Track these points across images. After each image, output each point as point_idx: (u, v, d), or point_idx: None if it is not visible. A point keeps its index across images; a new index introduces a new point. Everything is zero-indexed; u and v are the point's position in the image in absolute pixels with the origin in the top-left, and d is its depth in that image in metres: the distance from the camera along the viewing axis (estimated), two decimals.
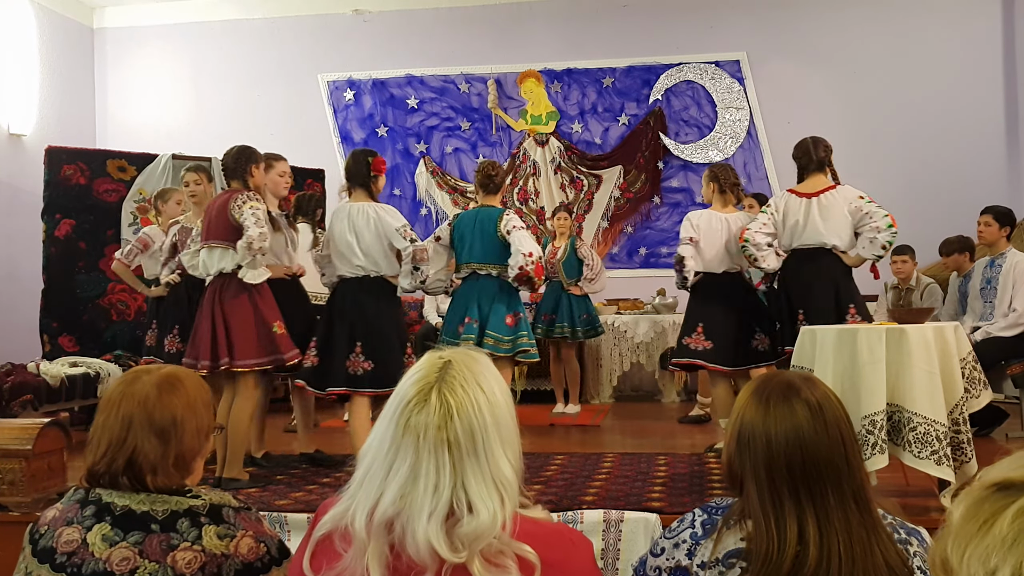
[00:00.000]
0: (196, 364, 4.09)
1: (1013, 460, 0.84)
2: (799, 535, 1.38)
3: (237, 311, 4.07)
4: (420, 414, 1.26)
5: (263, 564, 1.57)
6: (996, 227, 5.29)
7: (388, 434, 1.28)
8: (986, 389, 3.58)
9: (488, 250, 4.63)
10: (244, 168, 4.21)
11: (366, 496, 1.26)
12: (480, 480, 1.24)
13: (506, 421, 1.30)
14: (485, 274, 4.64)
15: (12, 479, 3.47)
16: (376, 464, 1.27)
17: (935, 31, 7.88)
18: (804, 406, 1.46)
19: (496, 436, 1.28)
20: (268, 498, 3.77)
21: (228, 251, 4.11)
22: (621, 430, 5.78)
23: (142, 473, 1.56)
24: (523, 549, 1.24)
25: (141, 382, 1.62)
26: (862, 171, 7.95)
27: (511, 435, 1.31)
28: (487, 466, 1.25)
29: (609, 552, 3.29)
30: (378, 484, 1.26)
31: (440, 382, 1.28)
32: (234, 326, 4.05)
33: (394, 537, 1.23)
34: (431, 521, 1.21)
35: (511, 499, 1.27)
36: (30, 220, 6.95)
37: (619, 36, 8.34)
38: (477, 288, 4.65)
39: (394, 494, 1.24)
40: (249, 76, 8.73)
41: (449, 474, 1.23)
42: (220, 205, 4.16)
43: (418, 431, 1.25)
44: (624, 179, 8.31)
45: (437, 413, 1.26)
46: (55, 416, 3.82)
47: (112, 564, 1.49)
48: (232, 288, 4.10)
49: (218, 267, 4.13)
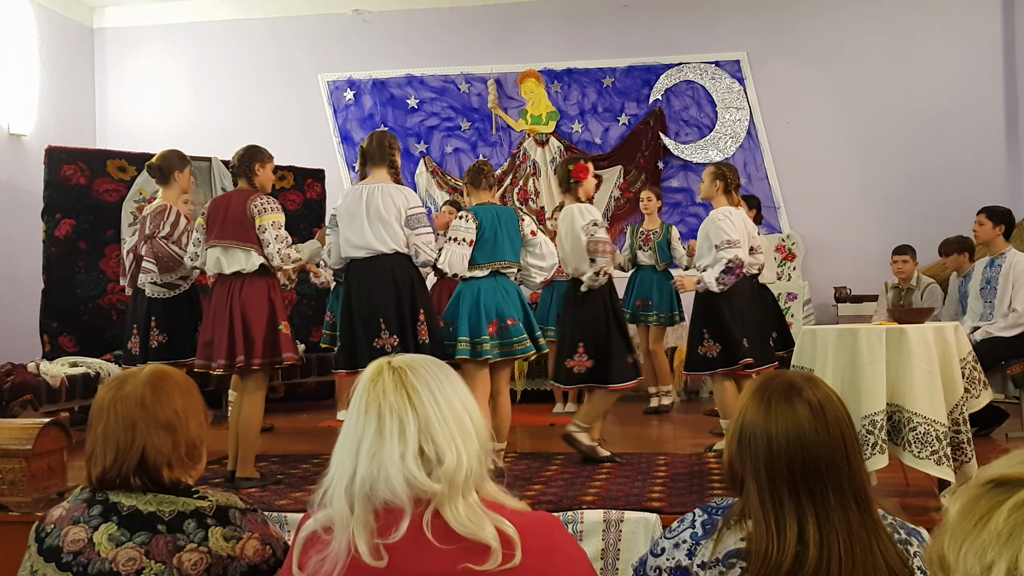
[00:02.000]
0: (210, 364, 4.12)
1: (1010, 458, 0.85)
2: (799, 535, 1.39)
3: (255, 310, 4.10)
4: (377, 386, 1.35)
5: (268, 566, 1.57)
6: (990, 226, 5.28)
7: (352, 421, 1.35)
8: (986, 389, 3.58)
9: (516, 249, 4.46)
10: (248, 166, 4.23)
11: (339, 476, 1.31)
12: (442, 423, 1.32)
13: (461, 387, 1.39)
14: (505, 273, 4.44)
15: (12, 479, 3.47)
16: (344, 448, 1.34)
17: (935, 31, 7.88)
18: (806, 406, 1.46)
19: (453, 391, 1.36)
20: (268, 498, 3.77)
21: (249, 252, 4.12)
22: (621, 430, 5.78)
23: (157, 468, 1.57)
24: (502, 522, 1.28)
25: (130, 385, 1.63)
26: (862, 171, 7.98)
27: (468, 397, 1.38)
28: (448, 413, 1.33)
29: (609, 552, 3.29)
30: (350, 461, 1.31)
31: (389, 362, 1.39)
32: (251, 325, 4.08)
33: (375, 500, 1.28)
34: (404, 461, 1.28)
35: (473, 446, 1.33)
36: (30, 220, 6.95)
37: (619, 36, 8.34)
38: (502, 287, 4.39)
39: (366, 459, 1.30)
40: (249, 76, 8.72)
41: (412, 420, 1.31)
42: (236, 204, 4.16)
43: (379, 398, 1.33)
44: (624, 179, 8.31)
45: (392, 376, 1.35)
46: (55, 416, 3.81)
47: (118, 564, 1.49)
48: (251, 288, 4.12)
49: (234, 267, 4.14)
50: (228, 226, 4.14)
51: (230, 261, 4.14)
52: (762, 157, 8.14)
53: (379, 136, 4.33)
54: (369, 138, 4.35)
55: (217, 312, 4.14)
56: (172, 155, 4.72)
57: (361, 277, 4.20)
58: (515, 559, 1.25)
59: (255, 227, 4.11)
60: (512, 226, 4.43)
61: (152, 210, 4.72)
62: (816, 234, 7.87)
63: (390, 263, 4.16)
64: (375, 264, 4.16)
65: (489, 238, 4.35)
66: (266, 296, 4.15)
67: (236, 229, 4.12)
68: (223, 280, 4.18)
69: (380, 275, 4.15)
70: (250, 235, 4.11)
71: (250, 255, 4.12)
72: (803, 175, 7.96)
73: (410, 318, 4.15)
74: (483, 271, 4.35)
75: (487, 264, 4.36)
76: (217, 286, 4.21)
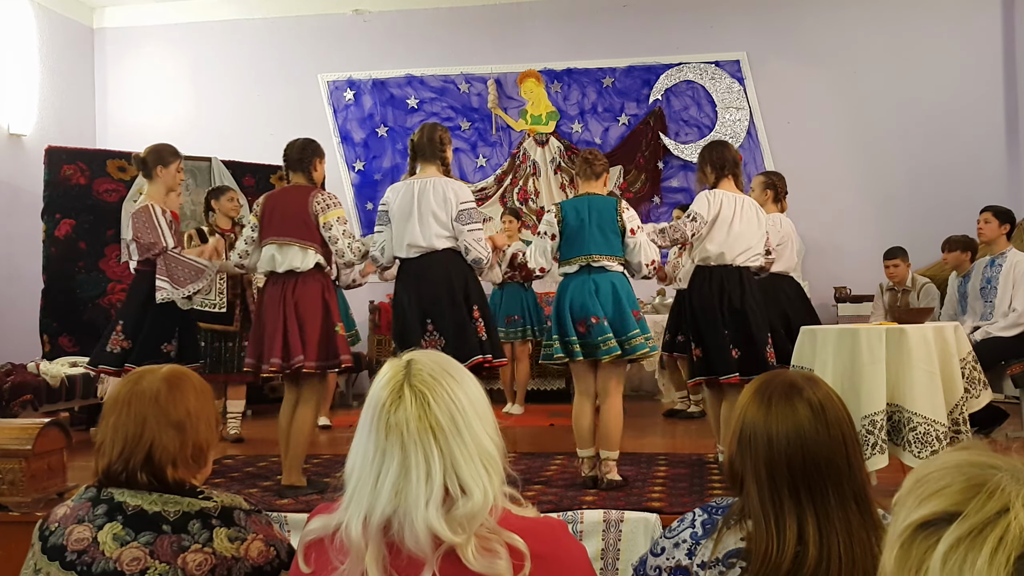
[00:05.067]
0: (259, 364, 3.99)
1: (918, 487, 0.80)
2: (799, 535, 1.38)
3: (311, 310, 3.95)
4: (398, 411, 1.29)
5: (272, 568, 1.57)
6: (996, 224, 5.29)
7: (371, 442, 1.30)
8: (986, 389, 3.59)
9: (611, 241, 4.02)
10: (309, 161, 4.11)
11: (358, 507, 1.27)
12: (468, 459, 1.27)
13: (479, 400, 1.34)
14: (599, 267, 4.01)
15: (12, 479, 3.46)
16: (364, 474, 1.29)
17: (935, 31, 7.88)
18: (806, 406, 1.46)
19: (474, 415, 1.31)
20: (269, 498, 3.78)
21: (307, 250, 3.98)
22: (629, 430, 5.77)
23: (162, 467, 1.57)
24: (512, 538, 1.27)
25: (147, 380, 1.63)
26: (862, 171, 7.98)
27: (487, 412, 1.34)
28: (472, 445, 1.29)
29: (609, 552, 3.29)
30: (369, 492, 1.27)
31: (408, 377, 1.32)
32: (307, 325, 3.93)
33: (392, 535, 1.25)
34: (429, 508, 1.23)
35: (498, 474, 1.30)
36: (30, 220, 6.95)
37: (619, 36, 8.34)
38: (593, 283, 3.99)
39: (388, 494, 1.25)
40: (249, 76, 8.72)
41: (438, 459, 1.26)
42: (295, 201, 4.02)
43: (400, 427, 1.27)
44: (624, 179, 8.31)
45: (414, 404, 1.29)
46: (55, 416, 3.81)
47: (122, 564, 1.49)
48: (304, 287, 3.97)
49: (290, 265, 3.99)
50: (288, 223, 3.99)
51: (285, 259, 4.00)
52: (762, 157, 8.14)
53: (430, 130, 4.09)
54: (419, 131, 4.12)
55: (269, 311, 3.98)
56: (160, 148, 4.48)
57: (411, 276, 4.00)
58: (524, 570, 1.25)
59: (319, 225, 3.97)
60: (606, 217, 4.01)
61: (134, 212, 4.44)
62: (816, 234, 7.87)
63: (442, 260, 3.95)
64: (426, 262, 3.96)
65: (575, 231, 4.01)
66: (320, 296, 4.00)
67: (297, 227, 3.97)
68: (275, 279, 4.03)
69: (431, 273, 3.95)
70: (311, 233, 3.97)
71: (307, 253, 3.98)
72: (803, 175, 7.93)
73: (465, 315, 3.94)
74: (572, 267, 4.03)
75: (574, 259, 4.02)
76: (269, 285, 4.06)
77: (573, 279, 4.02)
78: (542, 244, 4.10)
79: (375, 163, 8.59)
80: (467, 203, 3.97)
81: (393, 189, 4.10)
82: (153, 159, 4.43)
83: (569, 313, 3.96)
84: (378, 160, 8.63)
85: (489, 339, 3.98)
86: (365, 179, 8.63)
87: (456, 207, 3.93)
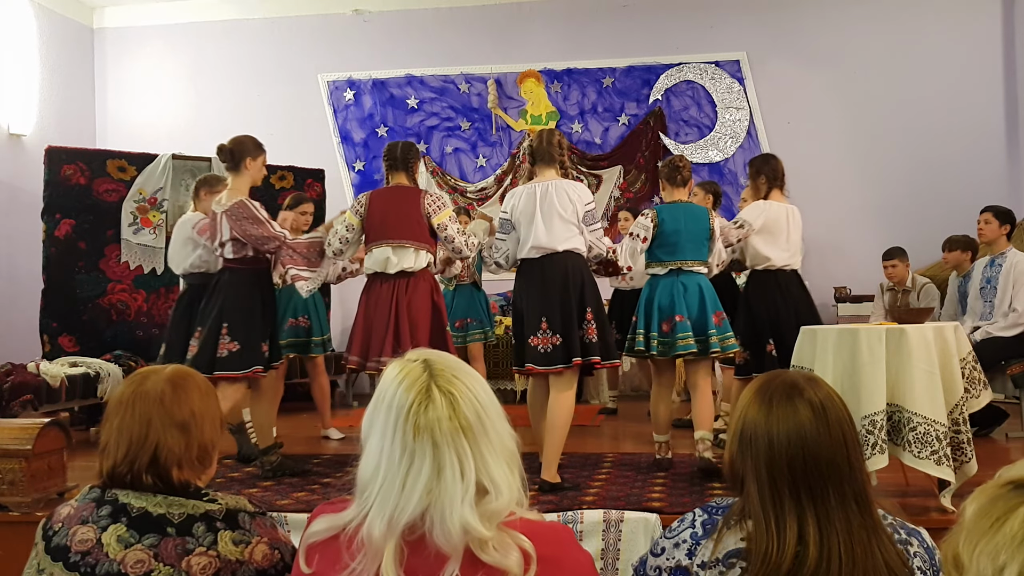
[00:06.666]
0: (365, 362, 4.10)
1: None
2: (799, 535, 1.38)
3: (422, 310, 4.10)
4: (428, 411, 1.29)
5: (277, 571, 1.56)
6: (996, 224, 5.30)
7: (396, 444, 1.29)
8: (986, 389, 3.58)
9: (701, 248, 4.39)
10: (412, 162, 4.27)
11: (382, 507, 1.27)
12: (495, 457, 1.30)
13: (493, 399, 1.37)
14: (689, 271, 4.36)
15: (12, 479, 3.47)
16: (390, 476, 1.28)
17: (935, 31, 7.89)
18: (807, 406, 1.46)
19: (496, 413, 1.34)
20: (270, 498, 3.78)
21: (419, 251, 4.13)
22: (621, 430, 5.77)
23: (167, 468, 1.57)
24: (520, 539, 1.28)
25: (151, 381, 1.62)
26: (862, 171, 7.98)
27: (502, 411, 1.37)
28: (497, 443, 1.32)
29: (609, 552, 3.29)
30: (396, 493, 1.27)
31: (432, 378, 1.32)
32: (419, 325, 4.06)
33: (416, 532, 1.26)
34: (464, 505, 1.25)
35: (519, 471, 1.34)
36: (30, 220, 6.95)
37: (619, 36, 8.34)
38: (681, 284, 4.33)
39: (420, 494, 1.26)
40: (249, 76, 8.73)
41: (471, 457, 1.28)
42: (406, 203, 4.14)
43: (431, 427, 1.28)
44: (624, 179, 8.31)
45: (445, 405, 1.30)
46: (55, 416, 3.82)
47: (126, 566, 1.49)
48: (415, 288, 4.11)
49: (403, 266, 4.12)
50: (403, 226, 4.12)
51: (400, 260, 4.11)
52: None
53: (548, 135, 4.20)
54: (538, 136, 4.22)
55: (379, 310, 4.11)
56: (246, 140, 4.34)
57: (532, 276, 4.07)
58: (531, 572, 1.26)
59: (433, 226, 4.13)
60: (698, 226, 4.36)
61: (228, 209, 4.20)
62: (816, 234, 7.85)
63: (563, 261, 4.02)
64: (547, 262, 4.03)
65: (671, 237, 4.34)
66: (429, 296, 4.15)
67: (411, 228, 4.12)
68: (384, 279, 4.14)
69: (551, 273, 4.01)
70: (424, 234, 4.13)
71: (419, 254, 4.13)
72: (803, 175, 7.93)
73: (577, 317, 4.00)
74: (662, 268, 4.37)
75: (667, 262, 4.36)
76: (377, 284, 4.17)
77: (662, 279, 4.36)
78: (633, 245, 4.37)
79: (375, 163, 8.58)
80: (590, 204, 4.11)
81: (512, 195, 4.23)
82: (242, 151, 4.29)
83: (657, 312, 4.29)
84: (378, 160, 8.62)
85: (601, 340, 4.05)
86: (365, 179, 8.63)
87: (582, 209, 4.06)
